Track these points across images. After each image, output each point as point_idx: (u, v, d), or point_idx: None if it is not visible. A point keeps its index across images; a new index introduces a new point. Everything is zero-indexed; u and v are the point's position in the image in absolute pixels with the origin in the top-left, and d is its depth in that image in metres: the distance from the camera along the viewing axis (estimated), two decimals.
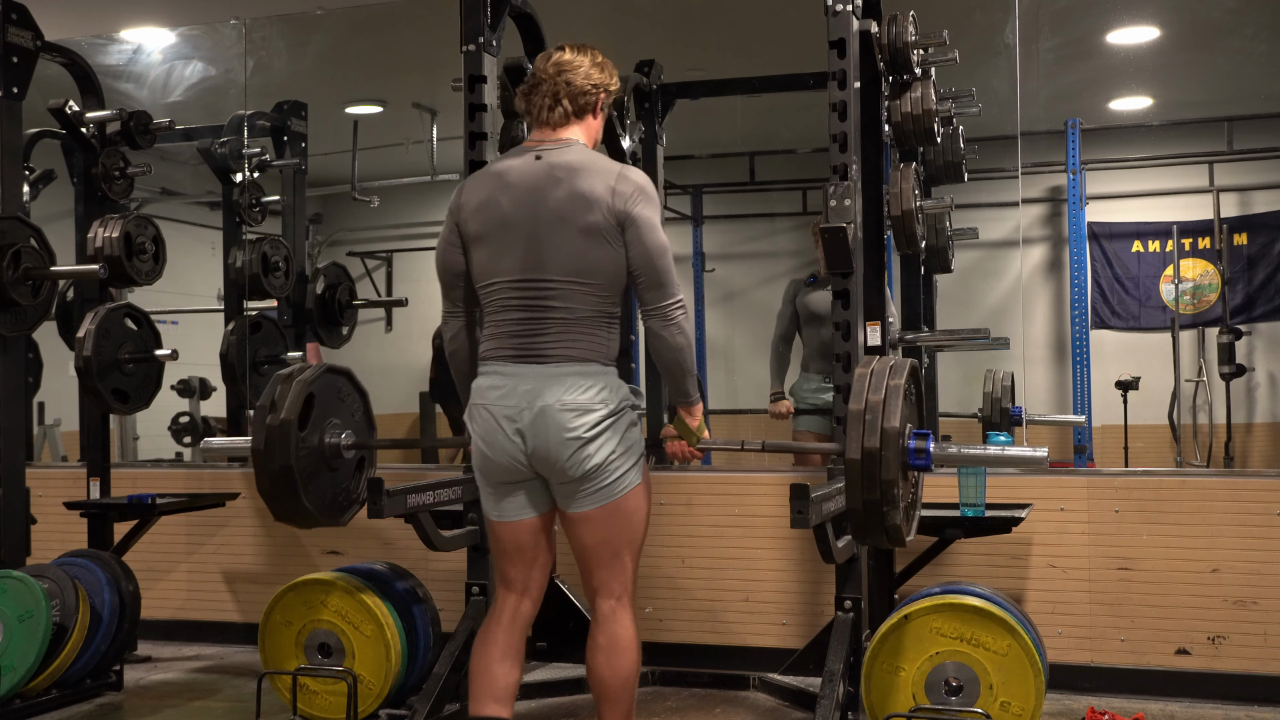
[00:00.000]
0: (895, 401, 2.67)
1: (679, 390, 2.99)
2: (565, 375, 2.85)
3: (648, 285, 2.89)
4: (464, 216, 2.96)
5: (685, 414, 3.02)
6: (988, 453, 2.92)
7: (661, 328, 2.89)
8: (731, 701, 3.93)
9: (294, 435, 3.14)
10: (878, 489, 2.65)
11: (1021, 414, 4.74)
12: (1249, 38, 5.81)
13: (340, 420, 3.35)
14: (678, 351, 2.90)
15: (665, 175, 5.31)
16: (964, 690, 3.20)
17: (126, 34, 6.02)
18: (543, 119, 2.98)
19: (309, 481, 3.22)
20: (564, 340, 2.87)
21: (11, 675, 3.62)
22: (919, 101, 3.79)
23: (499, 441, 2.87)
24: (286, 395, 3.17)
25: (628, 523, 2.93)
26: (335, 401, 3.34)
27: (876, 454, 2.64)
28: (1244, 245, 6.51)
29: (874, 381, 2.72)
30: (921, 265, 4.77)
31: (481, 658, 2.98)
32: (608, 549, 2.93)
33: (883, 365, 2.77)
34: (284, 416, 3.13)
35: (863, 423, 2.68)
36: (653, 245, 2.86)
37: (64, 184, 5.83)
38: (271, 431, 3.13)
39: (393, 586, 3.73)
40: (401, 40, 5.94)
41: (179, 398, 6.60)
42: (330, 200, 7.26)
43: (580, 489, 2.87)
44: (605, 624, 2.95)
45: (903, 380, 2.72)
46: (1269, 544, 3.81)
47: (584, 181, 2.86)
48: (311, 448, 3.24)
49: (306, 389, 3.20)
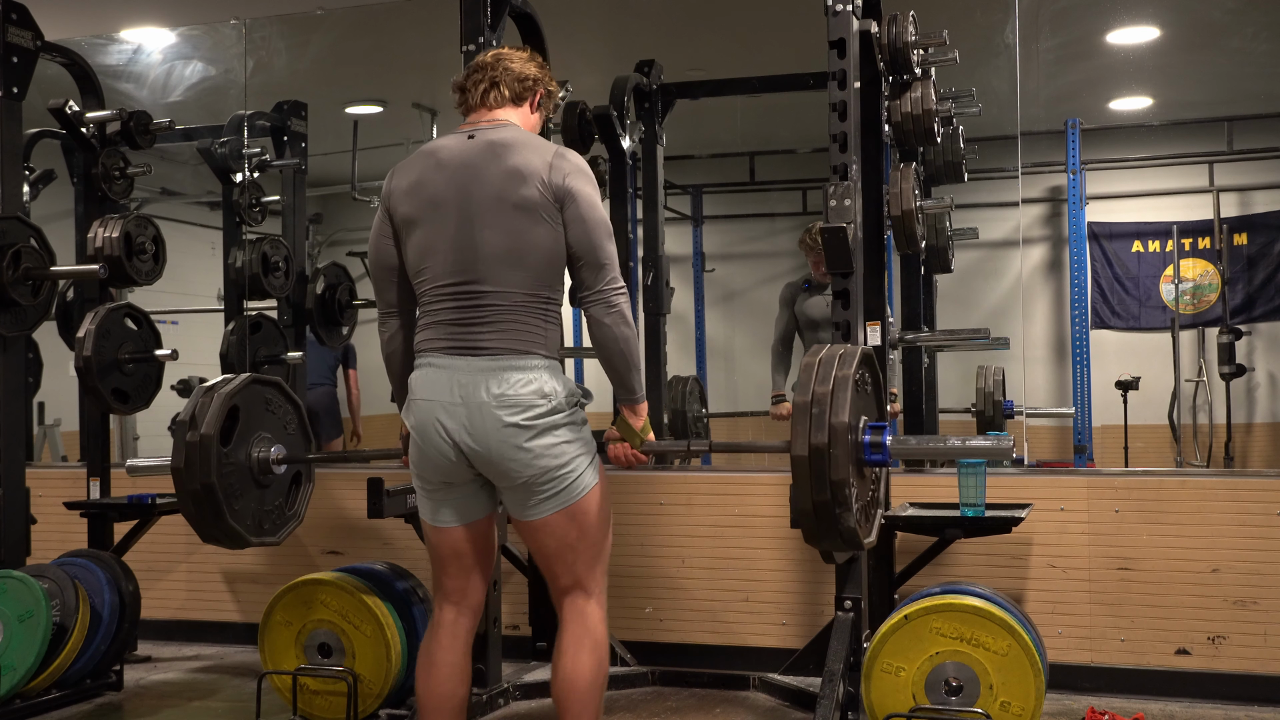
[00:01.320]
0: (844, 394, 2.48)
1: (624, 386, 2.81)
2: (503, 370, 2.70)
3: (587, 266, 2.73)
4: (394, 202, 2.85)
5: (629, 413, 2.86)
6: (949, 445, 2.73)
7: (604, 314, 2.72)
8: (731, 701, 3.93)
9: (215, 451, 2.95)
10: (827, 489, 2.45)
11: (1013, 408, 4.73)
12: (1249, 38, 5.81)
13: (270, 433, 3.15)
14: (623, 342, 2.74)
15: (665, 175, 5.32)
16: (964, 690, 3.20)
17: (126, 34, 6.02)
18: (479, 102, 2.90)
19: (234, 500, 3.03)
20: (500, 330, 2.72)
21: (11, 675, 3.61)
22: (919, 101, 3.79)
23: (435, 440, 2.73)
24: (208, 409, 2.98)
25: (588, 525, 2.78)
26: (263, 414, 3.15)
27: (825, 451, 2.44)
28: (1244, 245, 6.52)
29: (820, 372, 2.53)
30: (921, 265, 4.78)
31: (427, 679, 2.85)
32: (571, 554, 2.78)
33: (830, 354, 2.60)
34: (204, 431, 2.94)
35: (809, 416, 2.48)
36: (593, 222, 2.73)
37: (64, 184, 5.83)
38: (191, 448, 2.95)
39: (393, 586, 3.73)
40: (401, 40, 5.93)
41: (179, 398, 6.59)
42: (330, 200, 7.26)
43: (533, 494, 2.72)
44: (571, 622, 2.81)
45: (852, 370, 2.53)
46: (1269, 544, 3.81)
47: (520, 156, 2.76)
48: (236, 464, 3.04)
49: (229, 401, 3.01)
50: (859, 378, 2.56)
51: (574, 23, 5.45)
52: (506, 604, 4.18)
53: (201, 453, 2.93)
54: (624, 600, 4.28)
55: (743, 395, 6.89)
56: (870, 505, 2.69)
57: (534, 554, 2.86)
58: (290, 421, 3.24)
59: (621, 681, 4.07)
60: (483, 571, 2.91)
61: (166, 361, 4.39)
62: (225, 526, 3.01)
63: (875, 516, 2.74)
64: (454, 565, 2.87)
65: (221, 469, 2.95)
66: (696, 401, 6.07)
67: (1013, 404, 4.77)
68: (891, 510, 3.65)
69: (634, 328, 2.79)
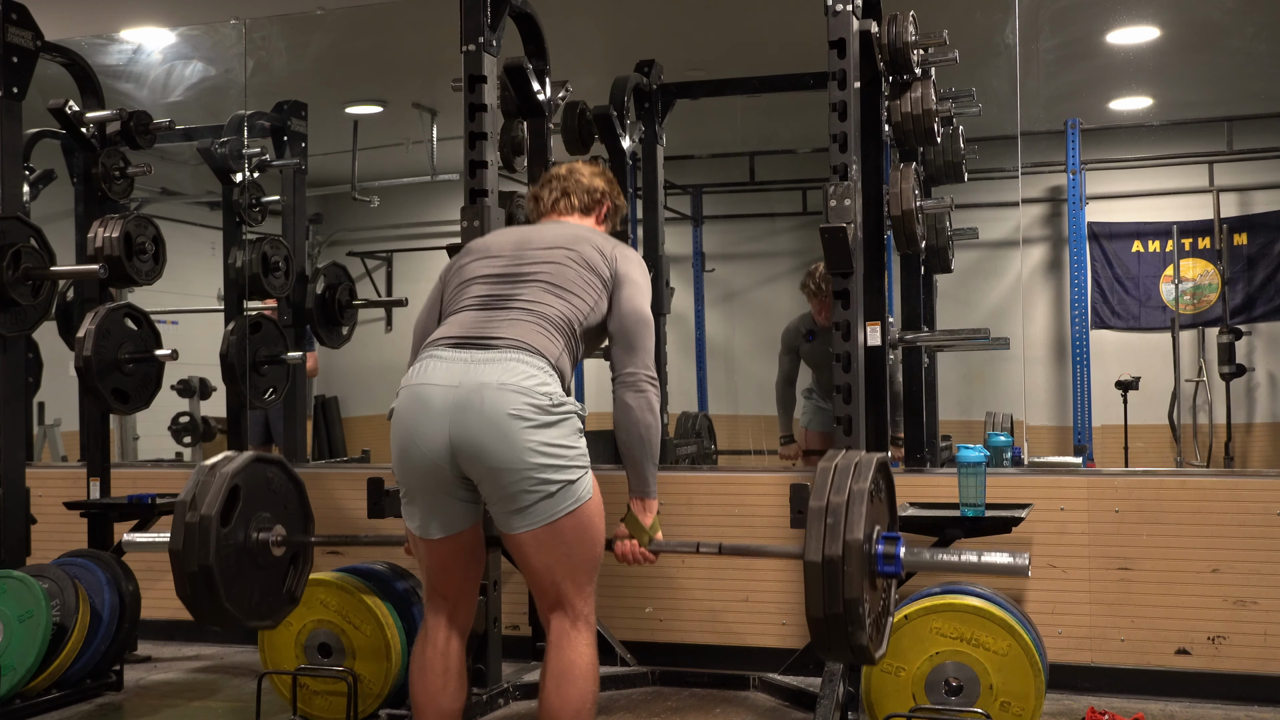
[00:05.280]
0: (859, 507, 2.43)
1: (638, 476, 2.78)
2: (509, 360, 2.64)
3: (625, 348, 2.78)
4: (449, 275, 2.95)
5: (640, 509, 2.81)
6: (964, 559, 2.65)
7: (632, 398, 2.74)
8: (731, 701, 3.93)
9: (215, 533, 2.86)
10: (840, 604, 2.40)
11: (1020, 455, 4.67)
12: (1249, 38, 5.81)
13: (270, 513, 3.06)
14: (645, 429, 2.74)
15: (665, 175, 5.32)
16: (964, 690, 3.20)
17: (126, 34, 6.03)
18: (549, 208, 3.10)
19: (231, 582, 2.93)
20: (518, 329, 2.71)
21: (11, 675, 3.62)
22: (919, 101, 3.78)
23: (424, 429, 2.62)
24: (208, 489, 2.89)
25: (580, 541, 2.68)
26: (264, 493, 3.06)
27: (838, 565, 2.40)
28: (1244, 245, 6.52)
29: (836, 480, 2.48)
30: (921, 265, 4.77)
31: (422, 684, 2.82)
32: (561, 569, 2.68)
33: (847, 462, 2.53)
34: (204, 513, 2.84)
35: (823, 526, 2.43)
36: (639, 309, 2.82)
37: (64, 184, 5.83)
38: (190, 530, 2.85)
39: (393, 586, 3.73)
40: (401, 40, 5.94)
41: (179, 398, 6.60)
42: (330, 200, 7.27)
43: (521, 500, 2.61)
44: (557, 648, 2.72)
45: (867, 482, 2.48)
46: (1269, 544, 3.81)
47: (584, 233, 2.94)
48: (235, 545, 2.95)
49: (230, 482, 2.91)
50: (874, 488, 2.52)
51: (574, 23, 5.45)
52: (506, 604, 4.17)
53: (200, 534, 2.84)
54: (624, 600, 4.28)
55: (743, 395, 6.89)
56: (882, 615, 2.64)
57: (521, 570, 2.77)
58: (291, 500, 3.15)
59: (621, 681, 4.07)
60: (472, 580, 2.87)
61: (166, 361, 4.39)
62: (221, 609, 2.92)
63: (886, 626, 2.67)
64: (440, 575, 2.83)
65: (220, 551, 2.87)
66: (706, 437, 6.12)
67: (1020, 451, 4.67)
68: None
69: (659, 419, 2.79)
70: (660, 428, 2.80)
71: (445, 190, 6.59)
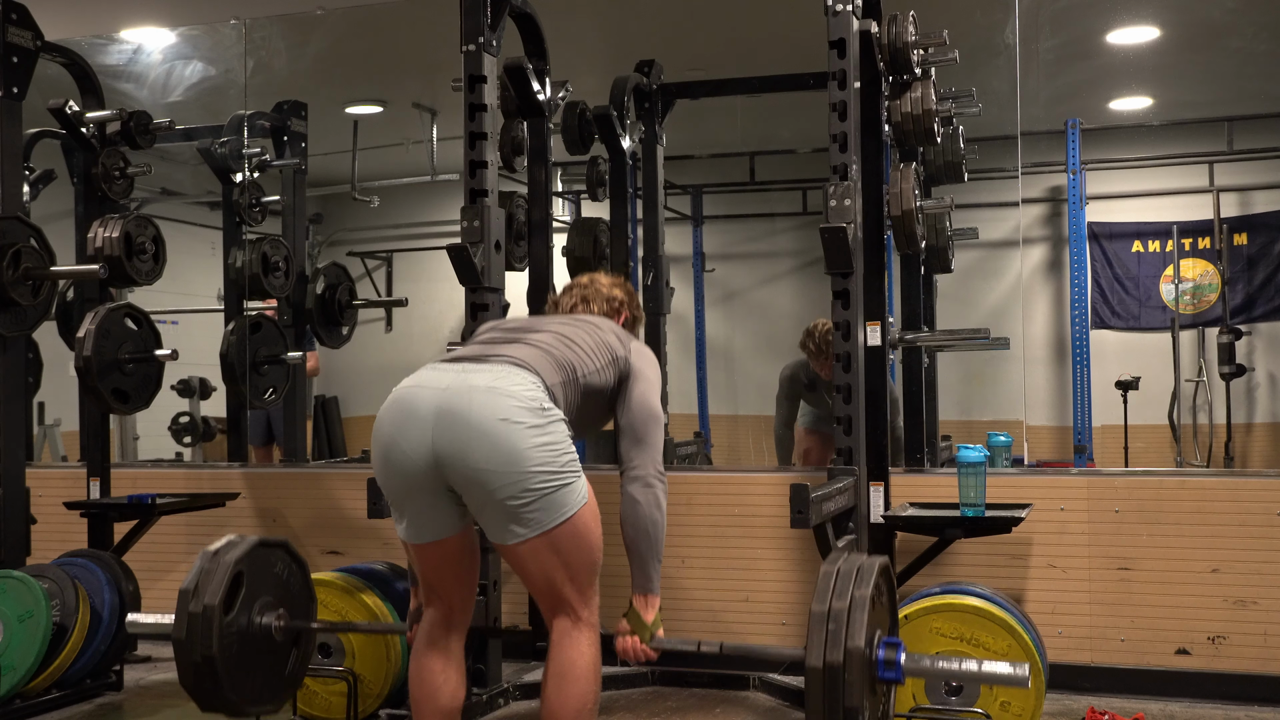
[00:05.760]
0: (861, 614, 2.42)
1: (642, 571, 2.78)
2: (502, 369, 2.63)
3: (634, 441, 2.80)
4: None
5: (642, 604, 2.81)
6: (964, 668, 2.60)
7: (640, 493, 2.75)
8: (731, 701, 3.93)
9: (218, 622, 2.83)
10: (840, 712, 2.39)
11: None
12: (1249, 38, 5.81)
13: (273, 596, 3.03)
14: (651, 524, 2.75)
15: (665, 175, 5.32)
16: (964, 690, 3.20)
17: (126, 34, 6.03)
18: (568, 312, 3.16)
19: (234, 670, 2.90)
20: (518, 352, 2.71)
21: (11, 675, 3.62)
22: (919, 101, 3.78)
23: (408, 434, 2.58)
24: (211, 577, 2.86)
25: (578, 548, 2.64)
26: (267, 576, 3.03)
27: (839, 672, 2.39)
28: (1244, 245, 6.51)
29: (839, 585, 2.48)
30: (921, 265, 4.78)
31: (419, 684, 2.80)
32: (560, 576, 2.65)
33: (849, 567, 2.53)
34: (207, 602, 2.81)
35: (825, 631, 2.43)
36: (651, 406, 2.86)
37: (64, 184, 5.83)
38: (194, 619, 2.81)
39: (393, 586, 3.73)
40: (401, 40, 5.94)
41: (179, 398, 6.60)
42: (330, 200, 7.26)
43: (514, 508, 2.55)
44: (558, 647, 2.69)
45: (869, 589, 2.48)
46: (1269, 544, 3.81)
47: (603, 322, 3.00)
48: (238, 631, 2.92)
49: (234, 569, 2.88)
50: (875, 593, 2.52)
51: (574, 23, 5.45)
52: (506, 604, 4.17)
53: (204, 624, 2.82)
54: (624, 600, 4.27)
55: (743, 395, 6.89)
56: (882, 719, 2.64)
57: (519, 577, 2.74)
58: (295, 582, 3.13)
59: (621, 681, 4.07)
60: (467, 581, 2.85)
61: (166, 361, 4.39)
62: (224, 698, 2.90)
63: None
64: (434, 577, 2.81)
65: (223, 639, 2.85)
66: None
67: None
68: (891, 510, 3.65)
69: (665, 515, 2.79)
70: (665, 524, 2.81)
71: (445, 190, 6.59)
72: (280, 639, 3.02)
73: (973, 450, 3.58)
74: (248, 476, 4.98)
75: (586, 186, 5.60)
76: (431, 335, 6.89)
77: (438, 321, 7.11)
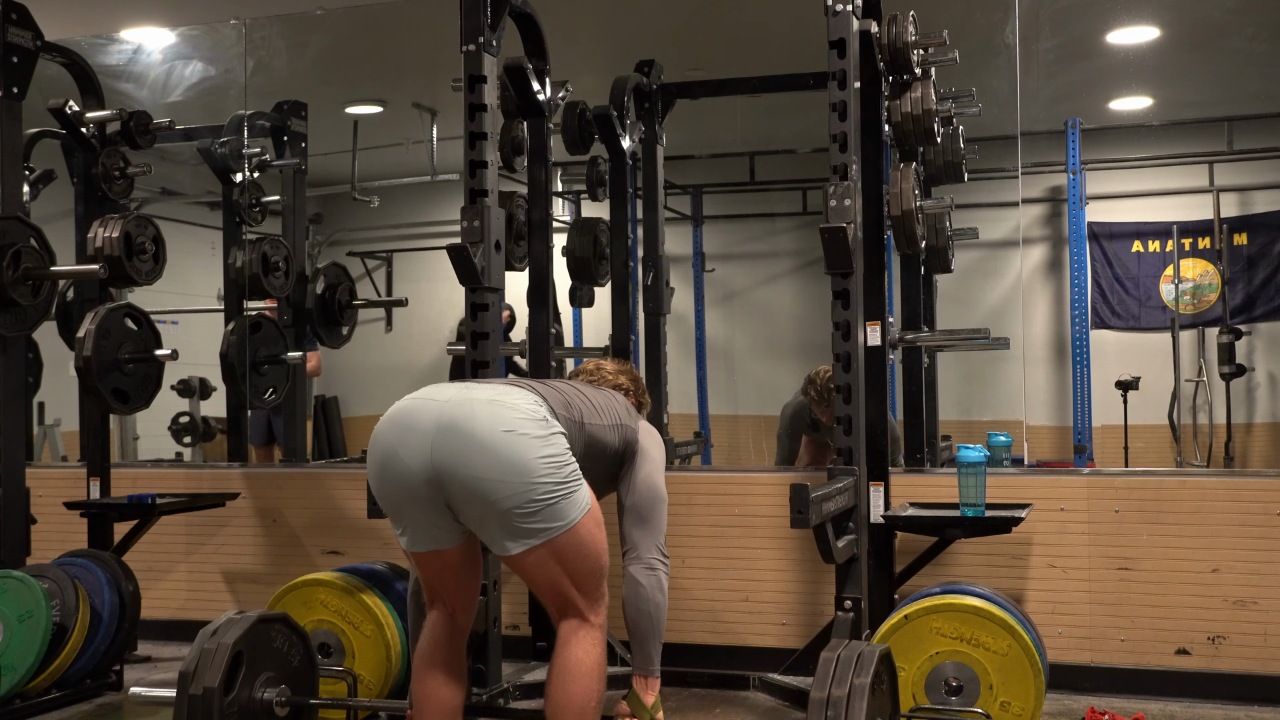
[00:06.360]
0: (860, 702, 2.42)
1: (642, 653, 2.82)
2: (502, 385, 2.71)
3: (639, 522, 2.85)
4: None
5: (641, 687, 2.84)
6: None
7: (644, 576, 2.81)
8: (731, 701, 3.93)
9: (218, 704, 2.84)
10: None
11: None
12: (1249, 38, 5.81)
13: (274, 670, 3.05)
14: (654, 606, 2.80)
15: (665, 175, 5.32)
16: (964, 690, 3.20)
17: (126, 34, 6.02)
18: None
19: None
20: (524, 382, 2.75)
21: (11, 675, 3.62)
22: (919, 101, 3.78)
23: (408, 443, 2.57)
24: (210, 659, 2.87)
25: (582, 555, 2.64)
26: (268, 651, 3.04)
27: None
28: (1244, 245, 6.51)
29: (839, 673, 2.47)
30: (921, 265, 4.78)
31: (422, 682, 2.81)
32: (566, 582, 2.66)
33: (850, 654, 2.52)
34: (206, 684, 2.82)
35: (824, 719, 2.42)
36: (656, 487, 2.91)
37: (64, 184, 5.83)
38: (194, 702, 2.83)
39: (393, 586, 3.73)
40: (401, 40, 5.93)
41: (179, 398, 6.60)
42: (330, 200, 7.26)
43: (517, 517, 2.55)
44: (564, 645, 2.70)
45: (869, 677, 2.47)
46: (1269, 544, 3.81)
47: (616, 395, 3.03)
48: (239, 708, 2.92)
49: (234, 649, 2.89)
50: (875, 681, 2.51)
51: (574, 23, 5.44)
52: (506, 604, 4.17)
53: (204, 707, 2.83)
54: None
55: (743, 395, 6.89)
56: None
57: (527, 584, 2.75)
58: (296, 654, 3.14)
59: (622, 681, 4.06)
60: (469, 587, 2.85)
61: (166, 361, 4.39)
62: None
63: None
64: (437, 583, 2.83)
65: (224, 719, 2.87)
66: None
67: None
68: (891, 510, 3.65)
69: (666, 598, 2.84)
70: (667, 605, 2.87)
71: (445, 190, 6.59)
72: (282, 714, 3.04)
73: (973, 450, 3.58)
74: (248, 476, 4.98)
75: (586, 186, 5.60)
76: (431, 335, 6.89)
77: (438, 321, 7.11)
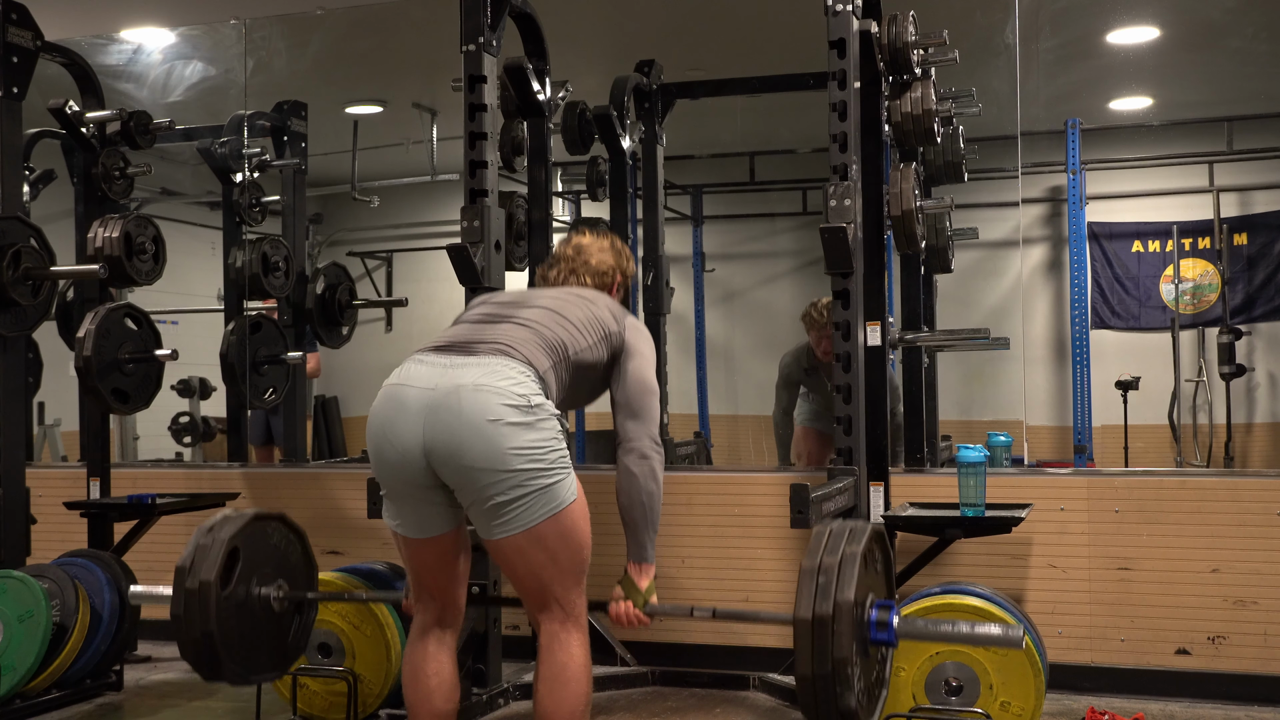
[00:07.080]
0: (851, 568, 2.38)
1: (636, 541, 2.79)
2: (490, 363, 2.62)
3: (631, 415, 2.81)
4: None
5: (636, 572, 2.81)
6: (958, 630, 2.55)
7: (636, 464, 2.76)
8: (731, 701, 3.93)
9: (214, 597, 2.83)
10: (828, 663, 2.34)
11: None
12: (1249, 38, 5.81)
13: (271, 568, 3.03)
14: (649, 496, 2.76)
15: (665, 175, 5.32)
16: (964, 690, 3.20)
17: (126, 34, 6.03)
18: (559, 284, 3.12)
19: (234, 644, 2.91)
20: (506, 336, 2.71)
21: (11, 675, 3.62)
22: (919, 101, 3.78)
23: (398, 429, 2.59)
24: (206, 554, 2.86)
25: (564, 546, 2.64)
26: (265, 549, 3.04)
27: (828, 624, 2.34)
28: (1244, 245, 6.51)
29: (830, 543, 2.45)
30: (921, 265, 4.78)
31: (414, 686, 2.79)
32: (547, 574, 2.65)
33: (842, 527, 2.50)
34: (203, 579, 2.81)
35: (815, 585, 2.38)
36: (646, 380, 2.87)
37: (64, 184, 5.83)
38: (191, 596, 2.82)
39: (393, 587, 3.73)
40: (401, 40, 5.94)
41: (179, 398, 6.60)
42: (330, 200, 7.26)
43: (501, 504, 2.56)
44: (549, 651, 2.69)
45: (861, 546, 2.44)
46: (1269, 544, 3.81)
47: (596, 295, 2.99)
48: (236, 604, 2.92)
49: (229, 545, 2.88)
50: (868, 554, 2.48)
51: (574, 23, 5.45)
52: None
53: (200, 601, 2.83)
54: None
55: (743, 395, 6.89)
56: (875, 685, 2.57)
57: (506, 575, 2.74)
58: (294, 551, 3.13)
59: (621, 681, 4.07)
60: (458, 580, 2.83)
61: (166, 361, 4.39)
62: (226, 669, 2.91)
63: (880, 697, 2.60)
64: (425, 574, 2.81)
65: (220, 614, 2.85)
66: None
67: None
68: (891, 510, 3.65)
69: (661, 487, 2.80)
70: (661, 496, 2.81)
71: (445, 190, 6.59)
72: (280, 609, 3.03)
73: (973, 450, 3.58)
74: (248, 476, 4.98)
75: (586, 186, 5.60)
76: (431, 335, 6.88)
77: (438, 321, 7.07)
